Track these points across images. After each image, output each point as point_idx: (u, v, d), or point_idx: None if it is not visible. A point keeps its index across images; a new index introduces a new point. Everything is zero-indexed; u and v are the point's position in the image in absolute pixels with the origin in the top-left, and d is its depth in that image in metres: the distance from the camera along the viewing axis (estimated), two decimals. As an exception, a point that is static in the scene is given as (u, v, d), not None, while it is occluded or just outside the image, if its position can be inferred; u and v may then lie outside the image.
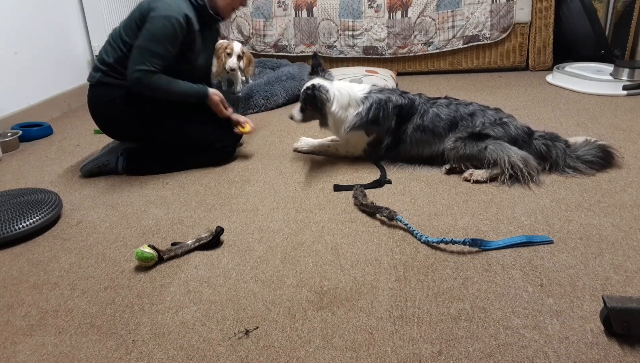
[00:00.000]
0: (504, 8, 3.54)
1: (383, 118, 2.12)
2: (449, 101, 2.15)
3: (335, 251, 1.58)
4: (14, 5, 3.08)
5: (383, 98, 2.14)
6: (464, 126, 2.06)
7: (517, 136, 1.99)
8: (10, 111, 3.05)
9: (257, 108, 3.20)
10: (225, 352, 1.20)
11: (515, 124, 2.03)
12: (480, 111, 2.08)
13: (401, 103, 2.13)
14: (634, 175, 1.93)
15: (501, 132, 1.99)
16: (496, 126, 2.01)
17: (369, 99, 2.15)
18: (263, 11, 3.92)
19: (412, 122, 2.11)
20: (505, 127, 2.01)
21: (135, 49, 2.08)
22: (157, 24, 2.05)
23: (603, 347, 1.13)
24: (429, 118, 2.09)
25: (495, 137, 1.98)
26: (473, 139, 2.00)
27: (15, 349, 1.26)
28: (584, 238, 1.55)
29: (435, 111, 2.10)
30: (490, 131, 1.99)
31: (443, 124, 2.08)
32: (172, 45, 2.09)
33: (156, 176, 2.27)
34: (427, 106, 2.12)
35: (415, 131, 2.11)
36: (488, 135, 1.99)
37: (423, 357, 1.14)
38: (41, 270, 1.61)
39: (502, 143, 1.96)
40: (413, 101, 2.14)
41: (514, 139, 1.98)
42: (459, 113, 2.08)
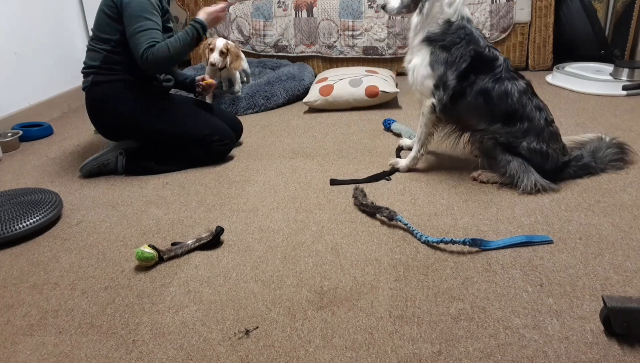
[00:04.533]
0: (503, 8, 3.54)
1: (458, 50, 1.86)
2: (525, 88, 1.89)
3: (335, 251, 1.58)
4: (14, 5, 3.08)
5: (471, 31, 1.88)
6: (513, 130, 1.86)
7: (550, 169, 1.87)
8: (10, 111, 3.05)
9: (257, 108, 3.20)
10: (225, 352, 1.20)
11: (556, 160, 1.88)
12: (536, 131, 1.85)
13: (483, 51, 1.87)
14: (634, 175, 1.93)
15: (537, 161, 1.85)
16: (536, 155, 1.85)
17: (464, 22, 1.88)
18: (263, 11, 3.92)
19: (482, 79, 1.86)
20: (544, 160, 1.86)
21: (130, 39, 2.11)
22: (134, 6, 2.09)
23: (603, 347, 1.13)
24: (499, 90, 1.85)
25: (528, 160, 1.85)
26: (505, 147, 1.86)
27: (16, 349, 1.26)
28: (583, 238, 1.55)
29: (507, 88, 1.85)
30: (527, 154, 1.85)
31: (503, 108, 1.86)
32: (155, 16, 2.13)
33: (156, 176, 2.27)
34: (505, 75, 1.87)
35: (479, 94, 1.87)
36: (521, 155, 1.85)
37: (423, 356, 1.14)
38: (41, 270, 1.61)
39: (528, 166, 1.85)
40: (496, 58, 1.89)
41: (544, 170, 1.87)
42: (523, 111, 1.85)
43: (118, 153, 2.31)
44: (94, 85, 2.22)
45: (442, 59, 1.89)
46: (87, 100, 2.28)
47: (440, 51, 1.89)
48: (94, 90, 2.24)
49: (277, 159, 2.37)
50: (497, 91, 1.86)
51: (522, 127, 1.86)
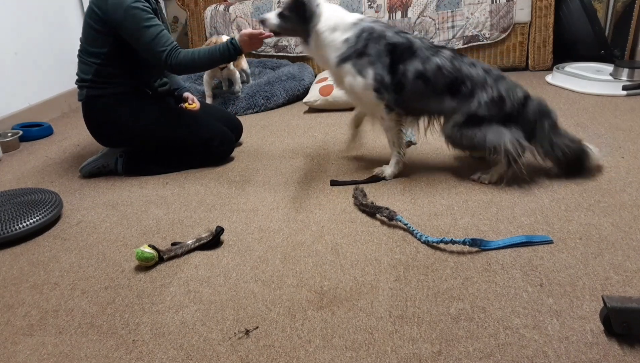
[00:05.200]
0: (503, 8, 3.54)
1: (373, 49, 1.89)
2: (453, 55, 1.92)
3: (335, 251, 1.58)
4: (14, 5, 3.08)
5: (376, 29, 1.90)
6: (461, 97, 1.88)
7: (512, 110, 1.87)
8: (10, 111, 3.05)
9: (257, 108, 3.20)
10: (225, 352, 1.20)
11: (514, 98, 1.87)
12: (482, 78, 1.88)
13: (396, 42, 1.89)
14: (634, 175, 1.93)
15: (495, 111, 1.86)
16: (492, 104, 1.85)
17: (359, 26, 1.90)
18: (263, 11, 3.92)
19: (412, 65, 1.88)
20: (501, 105, 1.86)
21: (144, 52, 2.09)
22: (127, 24, 2.04)
23: (603, 347, 1.13)
24: (432, 68, 1.88)
25: (490, 118, 1.86)
26: (469, 125, 1.88)
27: (16, 349, 1.26)
28: (583, 238, 1.55)
29: (438, 62, 1.88)
30: (486, 113, 1.85)
31: (444, 81, 1.88)
32: (153, 19, 2.08)
33: (156, 176, 2.28)
34: (430, 53, 1.90)
35: (417, 79, 1.89)
36: (484, 118, 1.86)
37: (423, 356, 1.14)
38: (41, 270, 1.61)
39: (498, 128, 1.85)
40: (411, 43, 1.91)
41: (508, 115, 1.87)
42: (461, 74, 1.88)
43: (118, 155, 2.31)
44: (89, 99, 2.21)
45: (366, 63, 1.90)
46: (83, 113, 2.28)
47: (358, 59, 1.90)
48: (90, 104, 2.23)
49: (277, 159, 2.37)
50: (429, 69, 1.88)
51: (468, 89, 1.88)
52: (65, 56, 3.50)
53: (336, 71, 1.97)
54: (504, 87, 1.88)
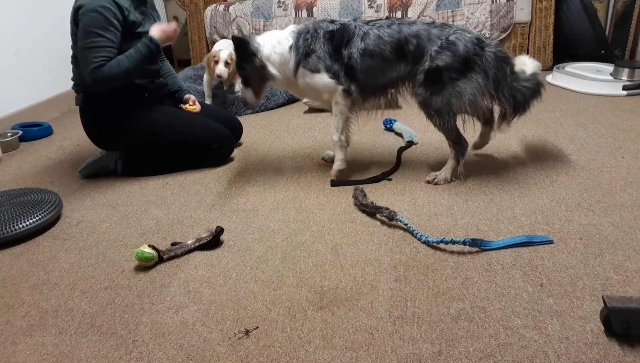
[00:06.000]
0: (504, 8, 3.54)
1: (316, 45, 1.94)
2: (390, 20, 1.95)
3: (335, 251, 1.58)
4: (14, 5, 3.08)
5: (311, 27, 1.98)
6: (411, 56, 1.88)
7: (468, 53, 1.83)
8: (10, 111, 3.05)
9: (257, 108, 3.20)
10: (225, 352, 1.20)
11: (464, 40, 1.84)
12: (425, 32, 1.87)
13: (332, 29, 1.95)
14: (634, 175, 1.93)
15: (450, 57, 1.83)
16: (444, 50, 1.83)
17: (297, 32, 1.99)
18: (263, 11, 3.92)
19: (354, 45, 1.91)
20: (453, 49, 1.83)
21: (79, 55, 2.04)
22: (86, 20, 2.00)
23: (603, 347, 1.13)
24: (372, 41, 1.90)
25: (449, 69, 1.83)
26: (432, 83, 1.86)
27: (15, 349, 1.26)
28: (584, 238, 1.55)
29: (376, 33, 1.90)
30: (440, 62, 1.83)
31: (389, 48, 1.89)
32: (109, 33, 2.02)
33: (156, 176, 2.27)
34: (367, 28, 1.92)
35: (363, 56, 1.91)
36: (441, 72, 1.83)
37: (423, 357, 1.14)
38: (41, 270, 1.61)
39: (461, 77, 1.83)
40: (346, 25, 1.95)
41: (465, 59, 1.83)
42: (402, 35, 1.88)
43: (117, 157, 2.31)
44: (86, 105, 2.21)
45: (315, 59, 1.96)
46: (81, 117, 2.27)
47: (306, 58, 1.96)
48: (87, 108, 2.23)
49: (277, 159, 2.37)
50: (370, 43, 1.90)
51: (414, 46, 1.88)
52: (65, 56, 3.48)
53: (296, 77, 2.00)
54: (450, 31, 1.88)
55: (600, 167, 2.01)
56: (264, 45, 1.98)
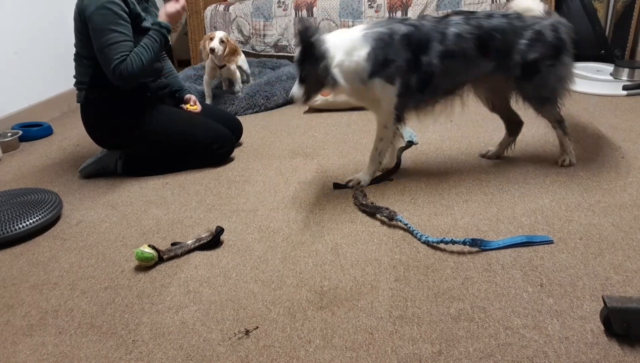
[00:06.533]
0: (504, 8, 3.54)
1: (394, 54, 1.80)
2: (464, 16, 1.86)
3: (335, 251, 1.58)
4: (14, 5, 3.08)
5: (385, 31, 1.80)
6: (496, 52, 1.84)
7: (556, 38, 1.85)
8: (10, 111, 3.05)
9: (257, 108, 3.20)
10: (225, 352, 1.20)
11: (547, 27, 1.84)
12: (508, 25, 1.84)
13: (407, 32, 1.81)
14: (634, 175, 1.93)
15: (542, 48, 1.84)
16: (535, 42, 1.83)
17: (370, 36, 1.79)
18: (263, 11, 3.92)
19: (433, 50, 1.81)
20: (543, 38, 1.84)
21: (98, 54, 2.05)
22: (97, 19, 2.00)
23: (603, 347, 1.13)
24: (452, 41, 1.81)
25: (543, 57, 1.85)
26: (533, 76, 1.88)
27: (15, 349, 1.26)
28: (584, 238, 1.55)
29: (454, 31, 1.82)
30: (535, 55, 1.84)
31: (471, 46, 1.82)
32: (122, 27, 2.03)
33: (156, 176, 2.27)
34: (442, 27, 1.83)
35: (443, 59, 1.82)
36: (539, 63, 1.85)
37: (423, 357, 1.14)
38: (41, 270, 1.61)
39: (559, 71, 1.89)
40: (419, 27, 1.83)
41: (555, 46, 1.86)
42: (483, 30, 1.82)
43: (117, 157, 2.31)
44: (88, 102, 2.21)
45: (394, 70, 1.82)
46: (82, 115, 2.28)
47: (384, 68, 1.81)
48: (88, 108, 2.23)
49: (277, 159, 2.37)
50: (450, 44, 1.82)
51: (503, 44, 1.83)
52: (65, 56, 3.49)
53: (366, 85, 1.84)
54: (532, 21, 1.86)
55: (600, 167, 2.01)
56: (335, 50, 1.75)
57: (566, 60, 1.89)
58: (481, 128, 2.54)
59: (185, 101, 2.46)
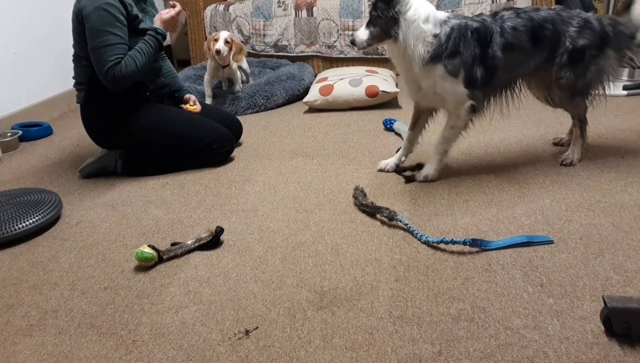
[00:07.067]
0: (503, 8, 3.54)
1: (465, 47, 1.83)
2: (514, 10, 1.92)
3: (335, 251, 1.58)
4: (14, 5, 3.08)
5: (462, 23, 1.84)
6: (548, 42, 1.89)
7: (602, 28, 1.90)
8: (10, 111, 3.05)
9: (257, 108, 3.20)
10: (225, 352, 1.20)
11: (593, 18, 1.91)
12: (556, 15, 1.90)
13: (477, 27, 1.85)
14: (634, 175, 1.93)
15: (591, 36, 1.88)
16: (584, 29, 1.88)
17: (449, 24, 1.83)
18: (263, 11, 3.92)
19: (495, 43, 1.86)
20: (591, 26, 1.89)
21: (91, 54, 2.04)
22: (93, 19, 2.00)
23: (603, 347, 1.13)
24: (510, 35, 1.86)
25: (590, 45, 1.88)
26: (576, 64, 1.91)
27: (15, 349, 1.26)
28: (584, 238, 1.55)
29: (510, 25, 1.87)
30: (584, 41, 1.88)
31: (526, 38, 1.87)
32: (118, 29, 2.03)
33: (156, 176, 2.27)
34: (500, 22, 1.88)
35: (505, 51, 1.86)
36: (584, 48, 1.88)
37: (423, 357, 1.14)
38: (41, 270, 1.61)
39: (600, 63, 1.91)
40: (484, 22, 1.88)
41: (602, 36, 1.89)
42: (535, 22, 1.88)
43: (117, 157, 2.31)
44: (87, 103, 2.21)
45: (459, 62, 1.84)
46: (82, 115, 2.28)
47: (451, 60, 1.83)
48: (88, 108, 2.23)
49: (277, 159, 2.37)
50: (509, 37, 1.86)
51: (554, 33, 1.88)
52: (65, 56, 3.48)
53: (423, 69, 1.84)
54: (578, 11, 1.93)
55: (600, 167, 2.01)
56: (412, 7, 1.79)
57: (610, 53, 1.91)
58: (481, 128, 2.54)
59: (185, 101, 2.46)
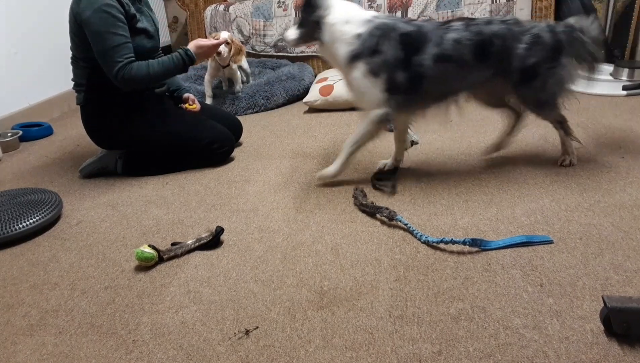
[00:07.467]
0: (504, 8, 3.54)
1: (387, 47, 1.80)
2: (465, 23, 1.85)
3: (335, 251, 1.58)
4: (14, 5, 3.08)
5: (389, 24, 1.83)
6: (494, 58, 1.83)
7: (554, 40, 1.84)
8: (10, 111, 3.05)
9: (257, 108, 3.20)
10: (225, 352, 1.20)
11: (544, 30, 1.84)
12: (507, 30, 1.82)
13: (409, 31, 1.82)
14: (634, 175, 1.93)
15: (541, 52, 1.83)
16: (534, 47, 1.82)
17: (372, 23, 1.83)
18: (263, 11, 3.92)
19: (427, 52, 1.80)
20: (542, 41, 1.83)
21: (99, 58, 2.04)
22: (95, 22, 1.98)
23: (603, 347, 1.13)
24: (449, 46, 1.80)
25: (541, 61, 1.83)
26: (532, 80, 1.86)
27: (15, 349, 1.26)
28: (583, 238, 1.55)
29: (453, 37, 1.81)
30: (534, 59, 1.83)
31: (469, 52, 1.81)
32: (121, 28, 2.02)
33: (156, 176, 2.28)
34: (441, 32, 1.83)
35: (438, 62, 1.81)
36: (536, 65, 1.83)
37: (423, 357, 1.14)
38: (41, 270, 1.61)
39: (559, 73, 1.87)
40: (421, 28, 1.84)
41: (554, 48, 1.85)
42: (483, 36, 1.81)
43: (117, 157, 2.31)
44: (87, 103, 2.21)
45: (379, 63, 1.81)
46: (82, 117, 2.28)
47: (371, 58, 1.81)
48: (88, 108, 2.23)
49: (277, 159, 2.37)
50: (447, 48, 1.81)
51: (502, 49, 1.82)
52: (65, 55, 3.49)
53: (347, 69, 1.87)
54: (529, 25, 1.86)
55: (600, 167, 2.02)
56: (334, 11, 1.84)
57: (566, 61, 1.87)
58: (481, 128, 2.54)
59: (184, 100, 2.46)
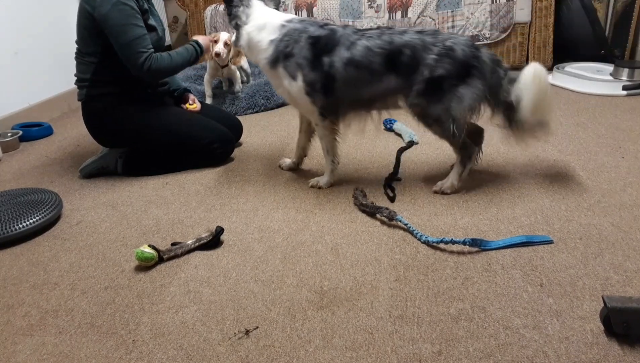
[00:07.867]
0: (503, 8, 3.54)
1: (297, 50, 1.84)
2: (381, 31, 1.84)
3: (335, 251, 1.58)
4: (14, 4, 3.08)
5: (299, 28, 1.87)
6: (405, 68, 1.78)
7: (466, 57, 1.75)
8: (10, 111, 3.04)
9: (257, 108, 3.20)
10: (225, 352, 1.20)
11: (461, 44, 1.77)
12: (419, 40, 1.77)
13: (318, 35, 1.84)
14: (634, 175, 1.93)
15: (450, 65, 1.74)
16: (443, 58, 1.74)
17: (285, 28, 1.88)
18: (263, 11, 3.92)
19: (337, 55, 1.81)
20: (452, 55, 1.74)
21: (121, 51, 2.06)
22: (115, 15, 2.00)
23: (603, 347, 1.13)
24: (360, 52, 1.80)
25: (448, 75, 1.74)
26: (432, 92, 1.77)
27: (15, 349, 1.26)
28: (583, 238, 1.55)
29: (365, 44, 1.80)
30: (440, 70, 1.74)
31: (379, 60, 1.79)
32: (140, 21, 2.07)
33: (156, 176, 2.27)
34: (355, 38, 1.82)
35: (347, 66, 1.81)
36: (442, 79, 1.75)
37: (423, 356, 1.14)
38: (41, 270, 1.61)
39: (460, 92, 1.75)
40: (334, 32, 1.85)
41: (464, 64, 1.75)
42: (394, 45, 1.78)
43: (117, 156, 2.31)
44: (89, 99, 2.21)
45: (294, 65, 1.86)
46: (83, 113, 2.28)
47: (287, 61, 1.87)
48: (89, 104, 2.23)
49: (277, 159, 2.37)
50: (357, 54, 1.80)
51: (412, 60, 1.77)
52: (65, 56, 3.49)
53: (271, 74, 1.97)
54: (444, 37, 1.79)
55: (600, 167, 2.02)
56: (250, 18, 1.93)
57: (475, 84, 1.76)
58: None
59: (184, 100, 2.46)
